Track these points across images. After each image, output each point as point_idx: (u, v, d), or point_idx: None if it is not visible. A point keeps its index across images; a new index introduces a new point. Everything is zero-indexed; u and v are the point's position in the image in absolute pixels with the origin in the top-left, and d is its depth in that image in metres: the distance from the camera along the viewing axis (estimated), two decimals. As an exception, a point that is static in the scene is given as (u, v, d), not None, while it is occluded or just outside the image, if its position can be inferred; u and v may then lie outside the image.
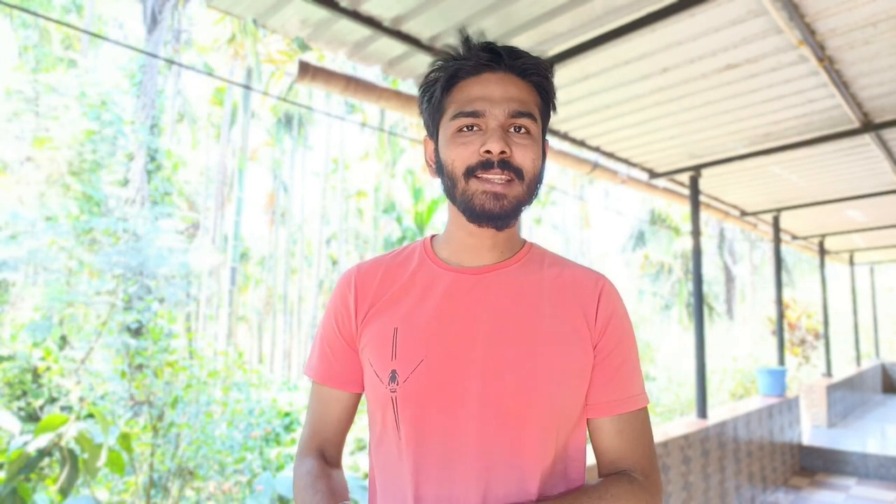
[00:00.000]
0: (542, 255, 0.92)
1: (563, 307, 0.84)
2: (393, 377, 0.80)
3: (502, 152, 0.78)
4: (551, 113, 0.89)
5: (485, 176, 0.78)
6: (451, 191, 0.83)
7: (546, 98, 0.86)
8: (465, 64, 0.82)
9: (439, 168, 0.85)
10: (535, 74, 0.83)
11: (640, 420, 0.85)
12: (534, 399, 0.78)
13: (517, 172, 0.79)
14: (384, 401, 0.81)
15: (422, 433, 0.78)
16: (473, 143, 0.79)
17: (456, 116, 0.81)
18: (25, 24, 13.90)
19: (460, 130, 0.81)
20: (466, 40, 0.84)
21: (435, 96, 0.85)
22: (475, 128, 0.80)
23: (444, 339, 0.80)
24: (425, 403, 0.78)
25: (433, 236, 0.93)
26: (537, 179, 0.83)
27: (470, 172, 0.79)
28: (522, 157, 0.80)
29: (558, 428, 0.80)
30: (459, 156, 0.80)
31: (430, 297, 0.84)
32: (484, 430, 0.77)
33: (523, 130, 0.81)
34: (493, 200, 0.78)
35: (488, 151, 0.78)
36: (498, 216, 0.79)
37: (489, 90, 0.80)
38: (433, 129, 0.87)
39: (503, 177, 0.78)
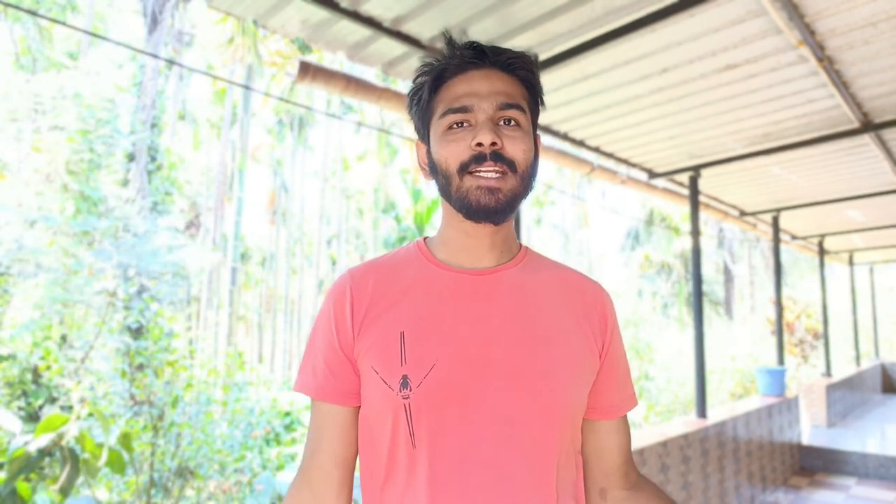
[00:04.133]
0: (539, 258, 0.92)
1: (567, 309, 0.85)
2: (405, 383, 0.76)
3: (493, 144, 0.77)
4: (540, 108, 0.88)
5: (478, 171, 0.77)
6: (446, 190, 0.81)
7: (533, 92, 0.85)
8: (450, 63, 0.82)
9: (433, 169, 0.83)
10: (521, 68, 0.83)
11: (627, 418, 0.94)
12: (554, 400, 0.78)
13: (510, 164, 0.78)
14: (395, 409, 0.76)
15: (438, 440, 0.75)
16: (464, 139, 0.78)
17: (445, 114, 0.80)
18: (16, 18, 13.89)
19: (450, 128, 0.80)
20: (450, 41, 0.83)
21: (423, 99, 0.84)
22: (465, 124, 0.79)
23: (455, 341, 0.78)
24: (441, 409, 0.75)
25: (426, 238, 0.91)
26: (531, 172, 0.82)
27: (464, 168, 0.78)
28: (514, 148, 0.79)
29: (574, 429, 0.82)
30: (452, 153, 0.79)
31: (434, 299, 0.82)
32: (504, 433, 0.76)
33: (513, 123, 0.80)
34: (488, 195, 0.77)
35: (479, 144, 0.77)
36: (494, 211, 0.78)
37: (476, 86, 0.80)
38: (424, 132, 0.86)
39: (496, 169, 0.77)
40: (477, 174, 0.78)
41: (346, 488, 0.83)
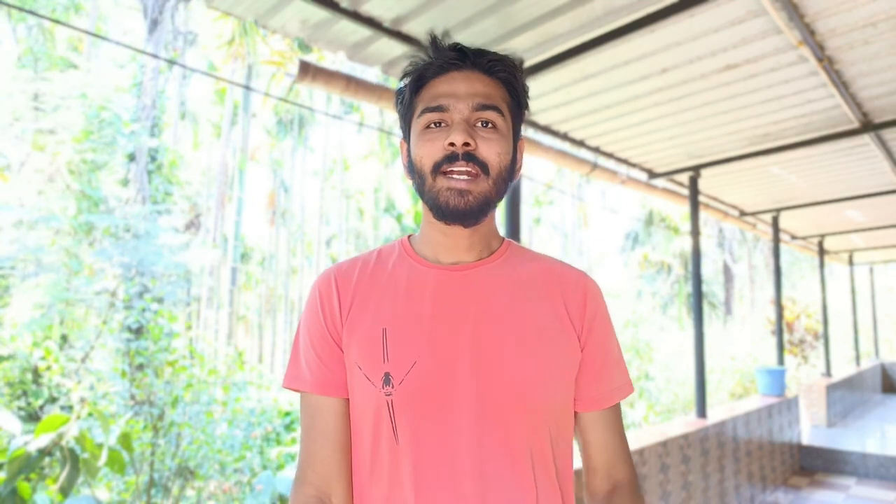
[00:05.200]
0: (522, 251, 0.92)
1: (547, 301, 0.85)
2: (387, 380, 0.78)
3: (466, 144, 0.77)
4: (524, 112, 0.88)
5: (450, 170, 0.78)
6: (420, 188, 0.82)
7: (515, 94, 0.85)
8: (432, 64, 0.83)
9: (411, 168, 0.84)
10: (502, 71, 0.83)
11: (619, 412, 0.90)
12: (525, 393, 0.78)
13: (482, 166, 0.78)
14: (378, 405, 0.78)
15: (421, 435, 0.77)
16: (439, 139, 0.79)
17: (422, 113, 0.81)
18: (20, 18, 13.90)
19: (427, 127, 0.81)
20: (434, 42, 0.84)
21: (405, 98, 0.85)
22: (442, 124, 0.80)
23: (434, 338, 0.79)
24: (422, 405, 0.77)
25: (410, 235, 0.92)
26: (506, 175, 0.82)
27: (437, 168, 0.79)
28: (487, 150, 0.79)
29: (549, 422, 0.81)
30: (427, 152, 0.79)
31: (416, 296, 0.83)
32: (479, 428, 0.77)
33: (490, 125, 0.80)
34: (458, 197, 0.77)
35: (452, 144, 0.77)
36: (464, 213, 0.78)
37: (454, 86, 0.81)
38: (406, 131, 0.87)
39: (468, 170, 0.77)
40: (449, 175, 0.78)
41: (350, 473, 0.83)
